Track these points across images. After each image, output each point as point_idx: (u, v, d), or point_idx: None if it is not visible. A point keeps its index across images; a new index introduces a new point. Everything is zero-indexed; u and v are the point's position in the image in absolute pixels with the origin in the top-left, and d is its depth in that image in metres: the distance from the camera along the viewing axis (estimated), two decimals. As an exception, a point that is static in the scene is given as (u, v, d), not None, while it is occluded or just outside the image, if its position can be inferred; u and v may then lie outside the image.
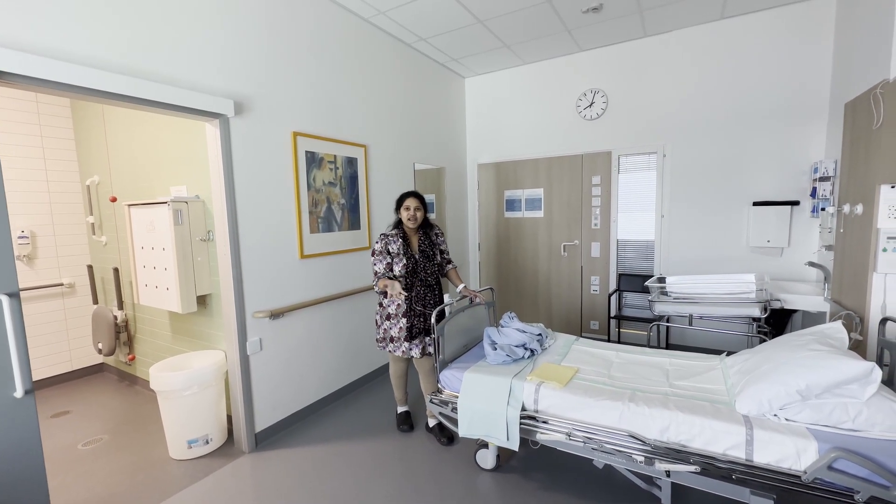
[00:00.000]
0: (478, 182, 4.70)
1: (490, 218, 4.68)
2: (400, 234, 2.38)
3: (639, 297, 3.99)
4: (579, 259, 4.20)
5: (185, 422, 2.42)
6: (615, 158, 3.93)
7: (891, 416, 1.47)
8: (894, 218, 2.07)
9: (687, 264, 3.67)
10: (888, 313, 2.08)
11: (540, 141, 4.28)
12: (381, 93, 3.47)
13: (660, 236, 3.79)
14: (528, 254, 4.48)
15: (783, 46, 3.21)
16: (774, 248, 3.33)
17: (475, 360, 2.28)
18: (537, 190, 4.36)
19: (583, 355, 2.36)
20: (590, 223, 4.12)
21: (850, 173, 2.44)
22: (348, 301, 3.15)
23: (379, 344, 2.48)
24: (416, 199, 2.39)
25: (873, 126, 2.14)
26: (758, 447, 1.54)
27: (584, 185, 4.10)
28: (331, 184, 2.96)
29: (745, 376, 1.80)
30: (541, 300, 4.45)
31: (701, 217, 3.60)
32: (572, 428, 1.84)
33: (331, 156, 2.95)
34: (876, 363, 1.68)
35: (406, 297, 2.35)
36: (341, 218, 3.05)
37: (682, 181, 3.65)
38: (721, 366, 2.10)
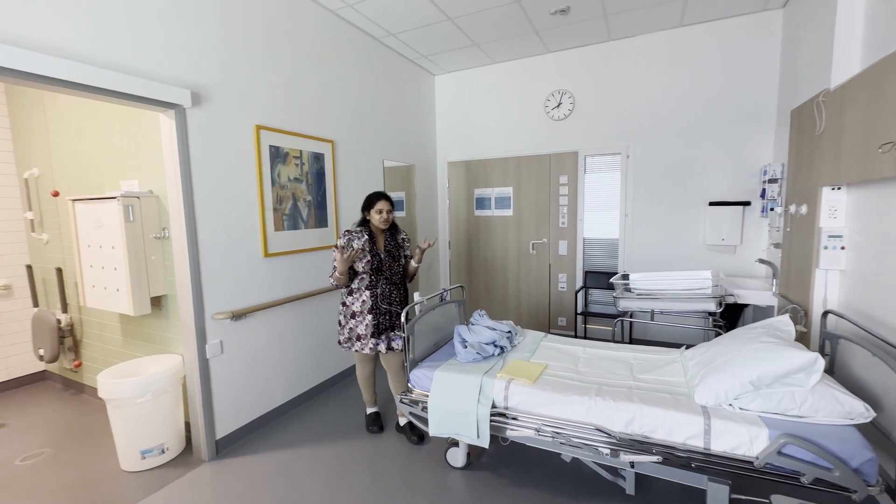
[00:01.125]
0: (448, 180, 4.70)
1: (460, 216, 4.69)
2: (366, 231, 2.33)
3: (604, 294, 4.11)
4: (547, 257, 4.27)
5: (138, 431, 2.28)
6: (582, 158, 4.02)
7: (832, 403, 1.57)
8: (834, 218, 2.23)
9: (649, 261, 3.81)
10: (829, 306, 2.23)
11: (509, 140, 4.32)
12: (350, 87, 3.39)
13: (623, 235, 3.91)
14: (498, 252, 4.52)
15: (735, 55, 3.39)
16: (728, 246, 3.52)
17: (445, 359, 2.27)
18: (507, 189, 4.40)
19: (551, 351, 2.40)
20: (557, 222, 4.20)
21: (796, 176, 2.61)
22: (315, 301, 3.07)
23: (343, 345, 2.43)
24: (388, 201, 2.37)
25: (816, 132, 2.29)
26: (715, 436, 1.61)
27: (552, 185, 4.17)
28: (296, 180, 2.87)
29: (702, 368, 1.88)
30: (510, 298, 4.50)
31: (662, 216, 3.75)
32: (541, 423, 1.87)
33: (296, 151, 2.86)
34: (819, 353, 1.79)
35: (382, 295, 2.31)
36: (308, 215, 2.97)
37: (645, 181, 3.79)
38: (681, 359, 2.19)
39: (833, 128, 2.11)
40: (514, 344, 2.48)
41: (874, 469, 1.43)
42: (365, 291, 2.34)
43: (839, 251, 2.19)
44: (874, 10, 2.00)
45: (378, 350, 2.37)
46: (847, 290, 2.17)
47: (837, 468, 1.44)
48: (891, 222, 1.85)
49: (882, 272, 1.90)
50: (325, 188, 3.11)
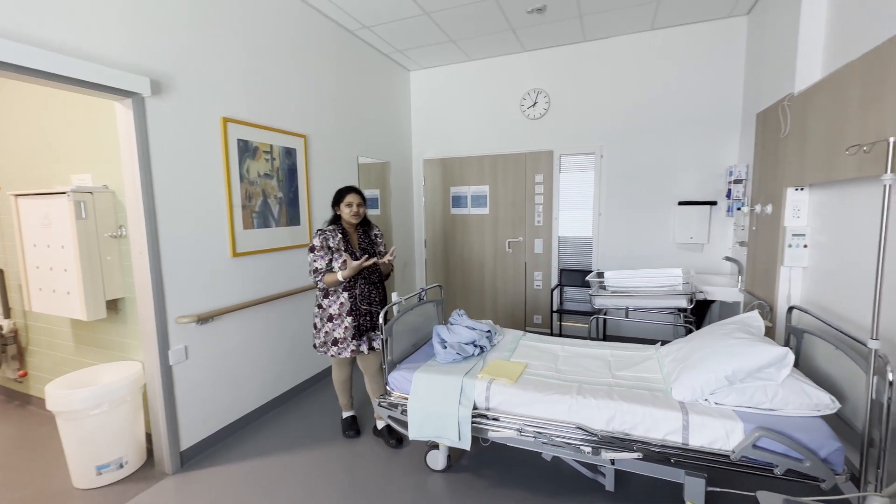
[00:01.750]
0: (423, 178, 4.65)
1: (436, 214, 4.66)
2: (339, 229, 2.26)
3: (578, 292, 4.17)
4: (523, 255, 4.29)
5: (93, 445, 2.11)
6: (557, 158, 4.06)
7: (801, 396, 1.63)
8: (798, 217, 2.32)
9: (621, 259, 3.89)
10: (793, 302, 2.33)
11: (485, 138, 4.31)
12: (323, 81, 3.28)
13: (597, 233, 3.98)
14: (474, 250, 4.51)
15: (702, 59, 3.50)
16: (696, 244, 3.64)
17: (425, 360, 2.23)
18: (483, 187, 4.39)
19: (530, 350, 2.39)
20: (533, 220, 4.22)
21: (761, 177, 2.71)
22: (288, 301, 2.96)
23: (319, 349, 2.34)
24: (359, 194, 2.30)
25: (781, 135, 2.38)
26: (693, 431, 1.64)
27: (528, 183, 4.19)
28: (267, 176, 2.74)
29: (679, 364, 1.92)
30: (486, 296, 4.51)
31: (634, 215, 3.83)
32: (523, 423, 1.85)
33: (266, 145, 2.73)
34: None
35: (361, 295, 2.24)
36: (279, 213, 2.85)
37: (618, 181, 3.86)
38: (656, 355, 2.23)
39: (798, 131, 2.20)
40: (494, 343, 2.46)
41: (841, 458, 1.49)
42: (343, 293, 2.26)
43: (802, 249, 2.29)
44: (835, 19, 2.10)
45: (360, 351, 2.30)
46: (809, 286, 2.27)
47: (808, 458, 1.50)
48: (850, 221, 1.94)
49: (841, 269, 2.00)
50: (297, 185, 3.00)
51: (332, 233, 2.26)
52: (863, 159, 1.64)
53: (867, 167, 1.61)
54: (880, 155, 1.52)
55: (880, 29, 1.73)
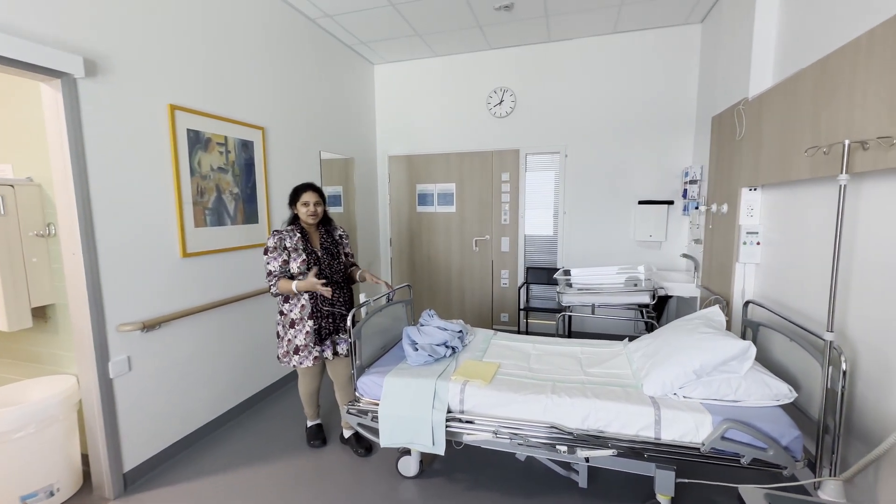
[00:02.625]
0: (389, 175, 4.54)
1: (402, 212, 4.56)
2: (297, 229, 2.14)
3: (544, 289, 4.21)
4: (490, 254, 4.29)
5: (17, 471, 1.85)
6: (523, 156, 4.07)
7: (762, 387, 1.69)
8: (751, 216, 2.44)
9: (585, 256, 3.97)
10: (748, 297, 2.44)
11: (452, 135, 4.26)
12: (282, 70, 3.09)
13: (562, 231, 4.04)
14: (441, 249, 4.46)
15: (660, 64, 3.62)
16: (655, 242, 3.77)
17: (395, 363, 2.15)
18: (449, 185, 4.35)
19: (502, 349, 2.37)
20: (500, 219, 4.22)
21: (717, 177, 2.83)
22: (246, 305, 2.76)
23: (283, 360, 2.19)
24: (316, 192, 2.17)
25: (736, 137, 2.49)
26: (665, 425, 1.66)
27: (495, 182, 4.19)
28: (221, 169, 2.55)
29: (648, 360, 1.95)
30: (453, 295, 4.47)
31: (596, 214, 3.92)
32: (499, 425, 1.81)
33: (220, 137, 2.54)
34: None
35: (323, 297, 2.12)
36: (234, 210, 2.66)
37: (581, 180, 3.93)
38: (625, 351, 2.26)
39: (752, 134, 2.31)
40: (466, 343, 2.42)
41: (800, 445, 1.56)
42: (303, 295, 2.13)
43: (755, 246, 2.40)
44: (785, 30, 2.21)
45: (324, 357, 2.18)
46: (762, 281, 2.39)
47: (771, 447, 1.55)
48: (800, 220, 2.05)
49: (791, 265, 2.11)
50: (254, 180, 2.81)
51: (289, 233, 2.13)
52: (816, 161, 1.72)
53: (821, 168, 1.69)
54: (835, 157, 1.60)
55: (828, 39, 1.83)
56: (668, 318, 3.70)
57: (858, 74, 1.52)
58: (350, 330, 2.00)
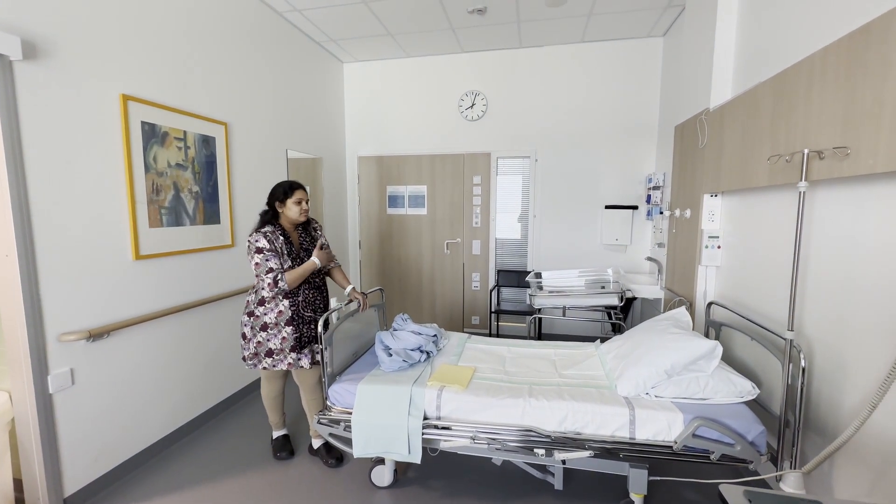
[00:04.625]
0: (358, 176, 4.45)
1: (372, 214, 4.48)
2: (278, 230, 2.03)
3: (515, 292, 4.25)
4: (461, 256, 4.29)
5: (-65, 504, 1.62)
6: (494, 160, 4.10)
7: (727, 384, 1.76)
8: (712, 221, 2.54)
9: (553, 259, 4.04)
10: (710, 298, 2.55)
11: (423, 137, 4.23)
12: (248, 63, 2.94)
13: (532, 234, 4.09)
14: (412, 252, 4.41)
15: (624, 73, 3.75)
16: (620, 245, 3.89)
17: (368, 369, 2.08)
18: (421, 187, 4.31)
19: (477, 353, 2.35)
20: (471, 221, 4.23)
21: (680, 183, 2.94)
22: (205, 310, 2.60)
23: (249, 361, 2.08)
24: (304, 191, 2.11)
25: (699, 145, 2.60)
26: (639, 425, 1.69)
27: (466, 184, 4.19)
28: (179, 166, 2.39)
29: (621, 361, 1.98)
30: (424, 298, 4.42)
31: (566, 217, 4.00)
32: (476, 431, 1.78)
33: (179, 131, 2.38)
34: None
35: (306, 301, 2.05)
36: (194, 209, 2.50)
37: (551, 185, 4.00)
38: (597, 353, 2.29)
39: (714, 142, 2.41)
40: (440, 348, 2.39)
41: (764, 440, 1.62)
42: (283, 300, 2.03)
43: (716, 250, 2.51)
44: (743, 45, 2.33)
45: (299, 365, 2.07)
46: (722, 283, 2.50)
47: (738, 443, 1.61)
48: (758, 225, 2.16)
49: (750, 267, 2.21)
50: (216, 178, 2.66)
51: (273, 234, 2.02)
52: (775, 169, 1.81)
53: (779, 176, 1.78)
54: (794, 165, 1.69)
55: (784, 55, 1.94)
56: (633, 320, 3.82)
57: (814, 88, 1.62)
58: (321, 336, 1.91)
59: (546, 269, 3.78)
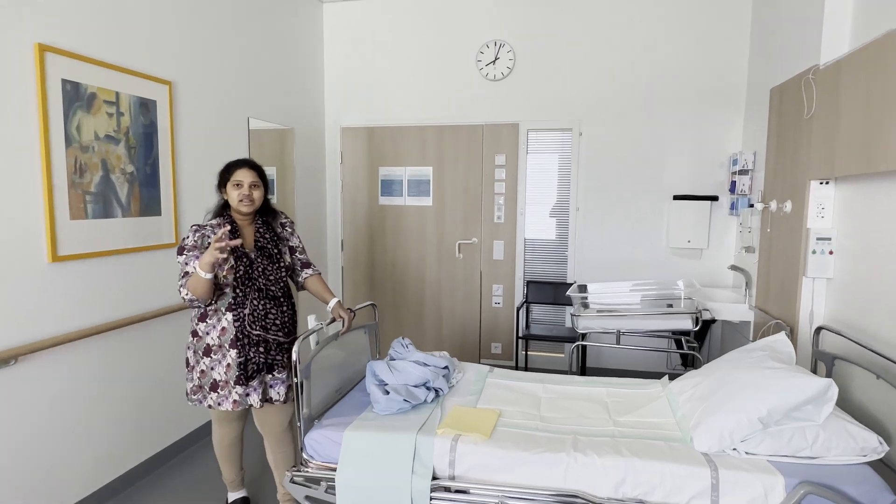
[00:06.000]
0: (341, 153, 4.50)
1: (358, 204, 4.52)
2: (227, 223, 2.09)
3: (550, 311, 4.24)
4: (478, 262, 4.28)
5: None
6: (523, 133, 4.11)
7: (845, 438, 1.74)
8: (822, 217, 2.53)
9: (604, 268, 4.04)
10: (820, 322, 2.52)
11: (429, 102, 4.25)
12: (200, 9, 3.01)
13: (574, 234, 4.08)
14: (413, 255, 4.43)
15: (700, 19, 3.75)
16: (694, 250, 3.88)
17: (357, 411, 2.10)
18: (424, 169, 4.33)
19: (502, 392, 2.36)
20: (492, 216, 4.23)
21: (777, 167, 2.93)
22: (143, 329, 2.65)
23: (192, 398, 2.12)
24: (252, 170, 2.14)
25: (804, 115, 2.59)
26: (724, 491, 1.67)
27: (486, 166, 4.20)
28: (110, 139, 2.45)
29: (698, 405, 1.97)
30: (429, 317, 4.44)
31: (619, 211, 3.99)
32: (503, 496, 1.78)
33: (110, 93, 2.44)
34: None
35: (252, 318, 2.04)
36: (128, 196, 2.56)
37: (599, 167, 4.00)
38: (665, 393, 2.29)
39: (826, 111, 2.40)
40: (453, 384, 2.40)
41: (896, 515, 1.60)
42: (226, 314, 2.07)
43: (828, 256, 2.50)
44: (866, -21, 2.32)
45: (248, 403, 2.10)
46: (835, 301, 2.48)
47: (859, 518, 1.58)
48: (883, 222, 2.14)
49: (872, 280, 2.20)
50: (156, 154, 2.72)
51: (214, 228, 2.08)
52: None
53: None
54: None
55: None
56: (711, 349, 3.80)
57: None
58: (295, 366, 1.92)
59: (593, 280, 3.77)
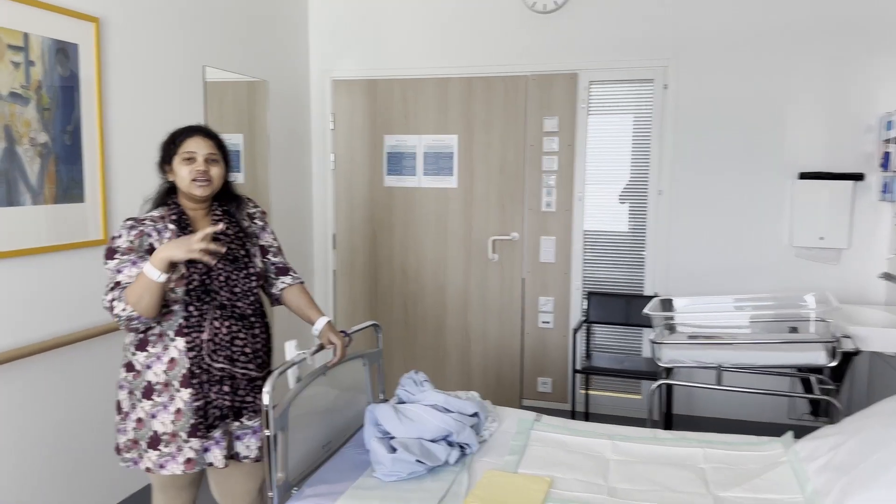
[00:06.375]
0: (332, 116, 4.56)
1: (356, 186, 4.57)
2: (174, 214, 2.11)
3: (620, 334, 4.20)
4: (519, 266, 4.28)
5: None
6: (584, 86, 4.07)
7: None
8: None
9: (698, 275, 3.96)
10: None
11: (453, 44, 4.27)
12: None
13: (656, 227, 4.02)
14: (429, 256, 4.45)
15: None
16: (829, 249, 3.79)
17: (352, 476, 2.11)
18: (447, 137, 4.35)
19: (553, 450, 2.34)
20: (538, 202, 4.22)
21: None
22: (62, 357, 2.71)
23: (125, 456, 2.12)
24: (208, 138, 2.15)
25: None
26: None
27: (531, 133, 4.18)
28: (15, 97, 2.51)
29: (839, 477, 1.91)
30: (450, 342, 4.45)
31: (721, 195, 3.91)
32: None
33: (16, 34, 2.50)
34: None
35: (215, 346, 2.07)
36: (40, 176, 2.63)
37: (693, 133, 3.93)
38: (789, 457, 2.22)
39: None
40: (484, 437, 2.40)
41: None
42: (175, 340, 2.07)
43: None
44: None
45: (206, 462, 2.10)
46: None
47: None
48: None
49: None
50: (78, 118, 2.80)
51: (156, 222, 2.09)
52: None
53: None
54: None
55: None
56: (853, 394, 3.73)
57: None
58: (267, 412, 1.92)
59: (682, 292, 3.73)
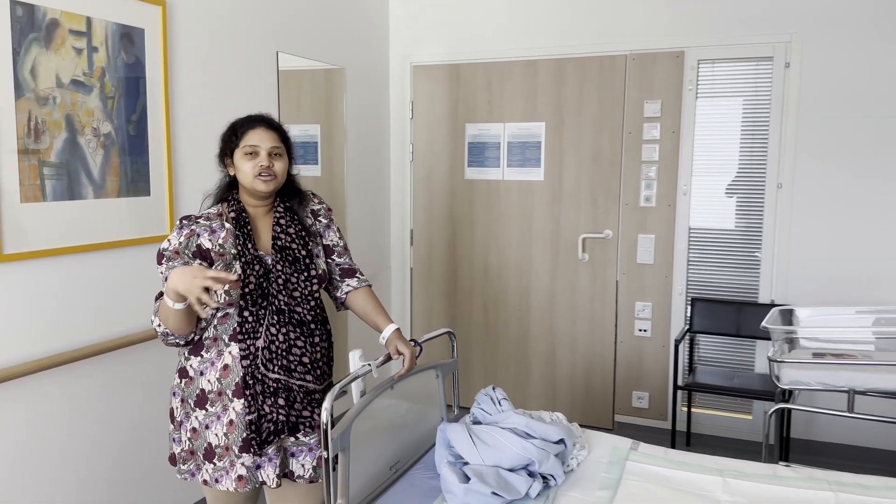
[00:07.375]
0: (412, 103, 4.62)
1: (435, 178, 4.64)
2: (232, 211, 2.10)
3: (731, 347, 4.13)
4: (614, 268, 4.28)
5: None
6: (691, 65, 3.99)
7: None
8: None
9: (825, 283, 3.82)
10: None
11: (542, 23, 4.26)
12: None
13: (775, 225, 3.90)
14: (512, 255, 4.49)
15: None
16: None
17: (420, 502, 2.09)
18: (533, 125, 4.36)
19: (653, 486, 2.24)
20: (636, 196, 4.18)
21: None
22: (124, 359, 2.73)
23: (182, 468, 2.13)
24: (271, 130, 2.16)
25: None
26: None
27: (630, 119, 4.15)
28: (78, 85, 2.53)
29: None
30: (533, 352, 4.47)
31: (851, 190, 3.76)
32: None
33: (78, 18, 2.52)
34: None
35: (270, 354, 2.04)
36: (103, 168, 2.65)
37: (820, 118, 3.78)
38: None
39: None
40: (571, 466, 2.32)
41: None
42: (230, 344, 2.05)
43: None
44: None
45: (259, 480, 2.08)
46: None
47: None
48: None
49: None
50: (144, 107, 2.83)
51: (211, 220, 2.08)
52: None
53: None
54: None
55: None
56: None
57: None
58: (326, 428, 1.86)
59: (806, 301, 3.67)
